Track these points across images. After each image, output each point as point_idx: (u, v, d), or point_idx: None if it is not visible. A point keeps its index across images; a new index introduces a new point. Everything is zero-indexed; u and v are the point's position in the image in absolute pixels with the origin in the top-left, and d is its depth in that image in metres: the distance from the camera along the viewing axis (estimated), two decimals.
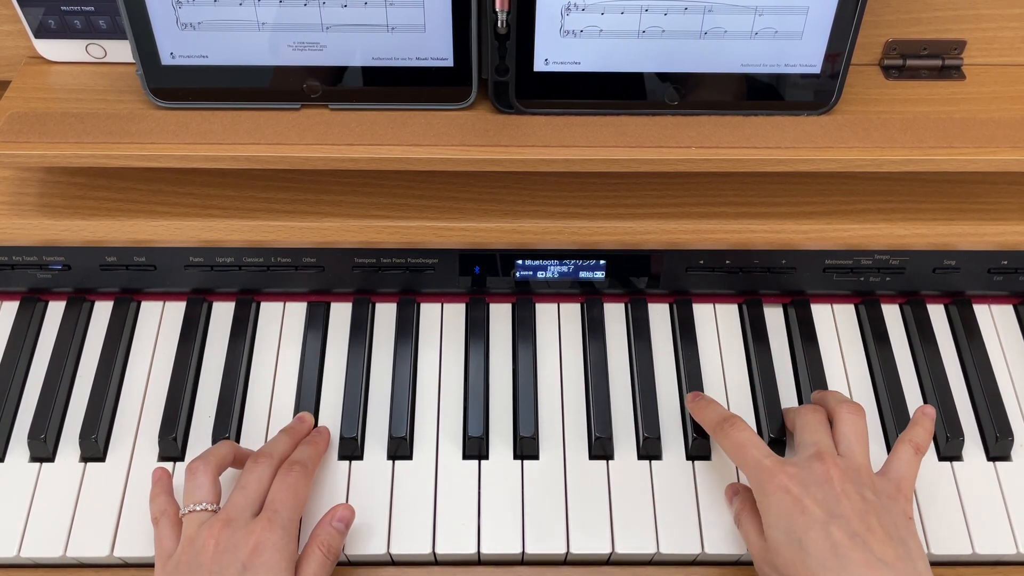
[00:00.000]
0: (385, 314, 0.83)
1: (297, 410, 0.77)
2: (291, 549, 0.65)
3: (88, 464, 0.74)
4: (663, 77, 0.72)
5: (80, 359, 0.80)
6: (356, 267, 0.80)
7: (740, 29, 0.70)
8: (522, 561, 0.72)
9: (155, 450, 0.75)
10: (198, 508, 0.66)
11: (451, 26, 0.70)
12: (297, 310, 0.83)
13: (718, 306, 0.84)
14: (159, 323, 0.82)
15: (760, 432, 0.77)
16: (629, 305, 0.84)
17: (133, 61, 0.72)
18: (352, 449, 0.75)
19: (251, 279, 0.82)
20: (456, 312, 0.83)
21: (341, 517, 0.69)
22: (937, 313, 0.84)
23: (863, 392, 0.79)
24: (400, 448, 0.74)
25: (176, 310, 0.83)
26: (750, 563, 0.71)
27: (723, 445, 0.70)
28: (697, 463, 0.75)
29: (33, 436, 0.74)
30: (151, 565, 0.72)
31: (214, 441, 0.75)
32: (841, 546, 0.61)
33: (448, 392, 0.79)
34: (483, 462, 0.75)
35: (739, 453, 0.68)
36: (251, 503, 0.66)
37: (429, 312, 0.83)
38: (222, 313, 0.83)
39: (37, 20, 0.74)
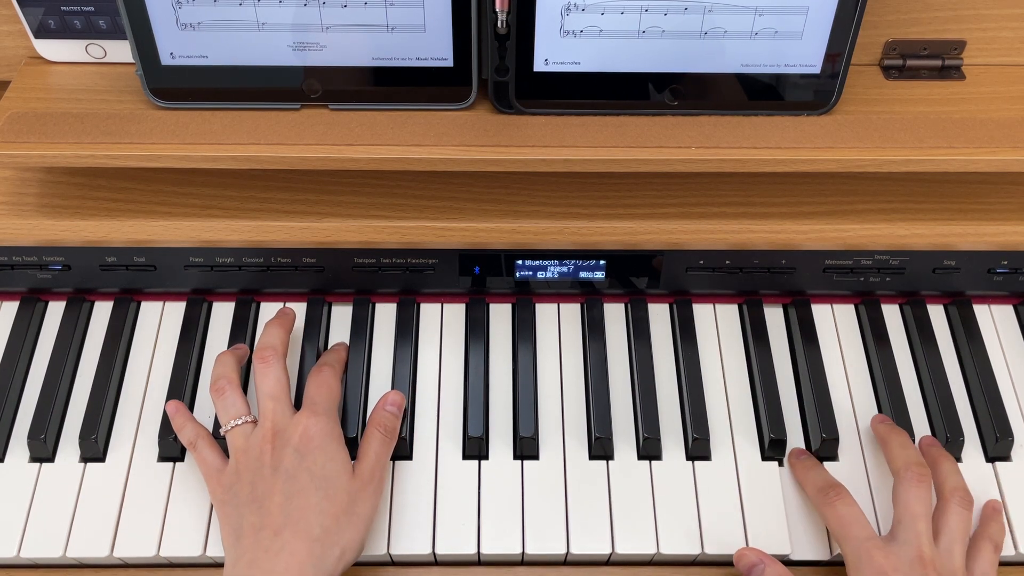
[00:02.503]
0: (385, 314, 0.83)
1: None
2: (338, 432, 0.70)
3: (88, 464, 0.74)
4: (663, 77, 0.72)
5: (80, 359, 0.80)
6: (356, 267, 0.80)
7: (740, 29, 0.70)
8: (522, 561, 0.72)
9: (155, 450, 0.75)
10: (239, 422, 0.70)
11: (451, 26, 0.70)
12: (297, 310, 0.83)
13: (718, 306, 0.84)
14: (159, 323, 0.82)
15: (759, 432, 0.77)
16: (629, 305, 0.84)
17: (133, 61, 0.72)
18: (353, 449, 0.74)
19: (251, 279, 0.82)
20: (456, 312, 0.83)
21: (393, 401, 0.74)
22: (937, 313, 0.84)
23: (863, 392, 0.79)
24: (400, 448, 0.74)
25: (176, 310, 0.83)
26: None
27: (825, 515, 0.70)
28: (697, 463, 0.75)
29: (33, 436, 0.74)
30: (151, 565, 0.72)
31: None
32: None
33: (448, 392, 0.79)
34: (483, 462, 0.75)
35: (841, 528, 0.68)
36: (283, 404, 0.71)
37: (429, 312, 0.83)
38: (222, 313, 0.83)
39: (37, 20, 0.74)
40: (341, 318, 0.83)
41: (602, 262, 0.80)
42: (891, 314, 0.84)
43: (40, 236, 0.77)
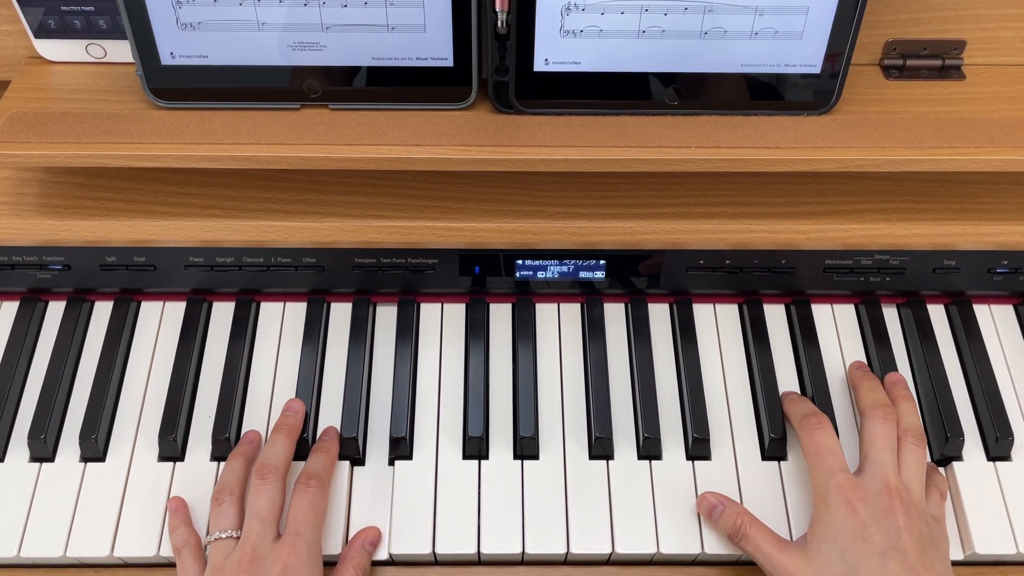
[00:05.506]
0: (385, 314, 0.83)
1: None
2: (317, 571, 0.67)
3: (88, 464, 0.74)
4: (663, 77, 0.72)
5: (80, 359, 0.80)
6: (356, 267, 0.80)
7: (740, 29, 0.70)
8: (522, 561, 0.72)
9: (155, 450, 0.75)
10: (224, 535, 0.68)
11: (451, 26, 0.70)
12: (297, 310, 0.83)
13: (718, 306, 0.84)
14: (159, 323, 0.82)
15: (760, 432, 0.77)
16: (629, 305, 0.84)
17: (133, 61, 0.72)
18: (352, 449, 0.75)
19: (251, 279, 0.82)
20: (456, 312, 0.83)
21: (372, 541, 0.71)
22: (937, 313, 0.84)
23: None
24: (400, 448, 0.75)
25: (176, 310, 0.83)
26: (750, 563, 0.71)
27: (803, 441, 0.72)
28: (697, 463, 0.75)
29: (33, 436, 0.74)
30: (151, 565, 0.72)
31: (214, 442, 0.75)
32: None
33: (448, 392, 0.79)
34: (483, 462, 0.75)
35: (815, 456, 0.70)
36: (269, 527, 0.68)
37: (429, 312, 0.83)
38: (222, 313, 0.83)
39: (37, 20, 0.74)
40: (341, 318, 0.83)
41: (602, 262, 0.80)
42: (891, 314, 0.84)
43: (40, 236, 0.77)
